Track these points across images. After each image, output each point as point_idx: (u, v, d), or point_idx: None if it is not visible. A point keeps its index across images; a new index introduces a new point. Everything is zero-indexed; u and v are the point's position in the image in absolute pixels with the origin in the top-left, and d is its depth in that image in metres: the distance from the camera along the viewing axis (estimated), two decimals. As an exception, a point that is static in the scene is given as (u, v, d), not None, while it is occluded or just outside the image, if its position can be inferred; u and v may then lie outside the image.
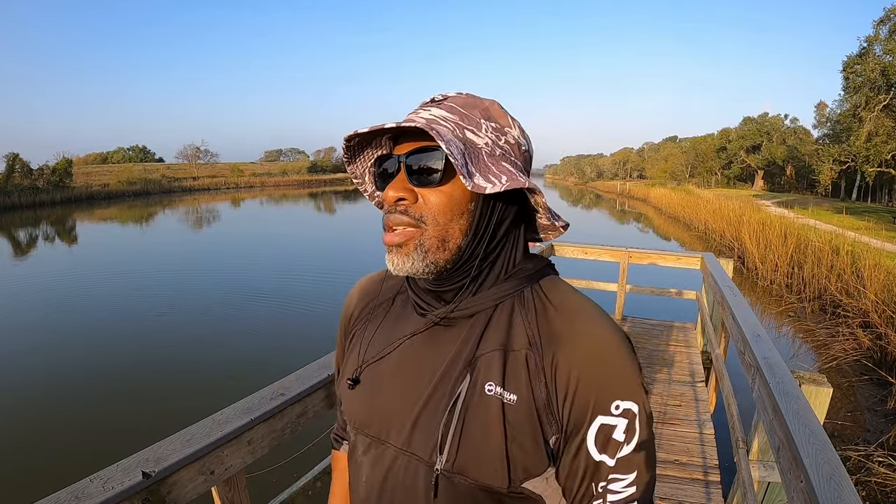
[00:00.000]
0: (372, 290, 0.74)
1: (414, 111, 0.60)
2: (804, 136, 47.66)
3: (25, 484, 3.82)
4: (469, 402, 0.56)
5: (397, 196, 0.56)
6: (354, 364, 0.68)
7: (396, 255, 0.57)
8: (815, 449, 1.12)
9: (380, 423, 0.62)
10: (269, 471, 2.80)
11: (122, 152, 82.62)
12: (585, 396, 0.53)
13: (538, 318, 0.58)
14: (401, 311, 0.68)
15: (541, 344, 0.56)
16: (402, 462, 0.59)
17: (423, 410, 0.58)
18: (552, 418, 0.54)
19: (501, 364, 0.56)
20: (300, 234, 20.34)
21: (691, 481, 2.59)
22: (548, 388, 0.54)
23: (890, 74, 19.53)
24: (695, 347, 4.60)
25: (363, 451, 0.65)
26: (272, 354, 6.34)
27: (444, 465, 0.55)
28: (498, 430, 0.54)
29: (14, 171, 34.47)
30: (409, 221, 0.56)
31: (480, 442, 0.54)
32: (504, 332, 0.58)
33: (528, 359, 0.56)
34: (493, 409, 0.55)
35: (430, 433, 0.57)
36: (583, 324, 0.56)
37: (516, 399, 0.55)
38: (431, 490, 0.56)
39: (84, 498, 0.88)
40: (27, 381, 5.77)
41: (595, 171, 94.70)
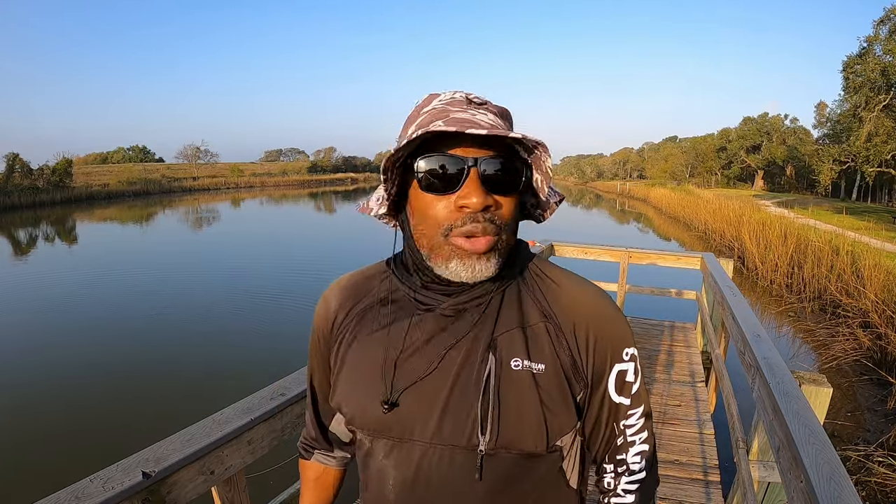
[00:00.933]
0: (352, 291, 0.70)
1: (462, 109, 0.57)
2: (804, 136, 47.65)
3: (25, 484, 3.82)
4: (500, 381, 0.59)
5: (486, 203, 0.55)
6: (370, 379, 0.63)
7: (481, 262, 0.57)
8: (815, 449, 1.12)
9: (401, 423, 0.61)
10: (269, 471, 2.80)
11: (122, 152, 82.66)
12: (603, 351, 0.63)
13: (545, 294, 0.64)
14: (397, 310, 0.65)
15: (555, 315, 0.63)
16: (434, 455, 0.60)
17: (450, 400, 0.60)
18: (579, 376, 0.62)
19: (523, 339, 0.61)
20: (300, 233, 20.35)
21: (691, 481, 2.59)
22: (571, 351, 0.62)
23: (890, 74, 19.51)
24: (695, 347, 4.60)
25: (385, 455, 0.64)
26: (272, 354, 6.34)
27: (488, 444, 0.58)
28: (533, 401, 0.59)
29: (14, 171, 34.48)
30: (495, 230, 0.56)
31: (518, 415, 0.59)
32: (516, 311, 0.63)
33: (548, 329, 0.62)
34: (524, 382, 0.59)
35: (464, 419, 0.59)
36: (584, 292, 0.65)
37: (544, 367, 0.60)
38: (476, 472, 0.59)
39: (84, 498, 0.88)
40: (27, 381, 5.77)
41: (595, 171, 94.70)
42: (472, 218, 0.55)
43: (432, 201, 0.57)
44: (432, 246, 0.58)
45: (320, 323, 0.71)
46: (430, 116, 0.58)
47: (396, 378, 0.61)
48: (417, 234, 0.60)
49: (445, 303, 0.61)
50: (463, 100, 0.59)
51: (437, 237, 0.57)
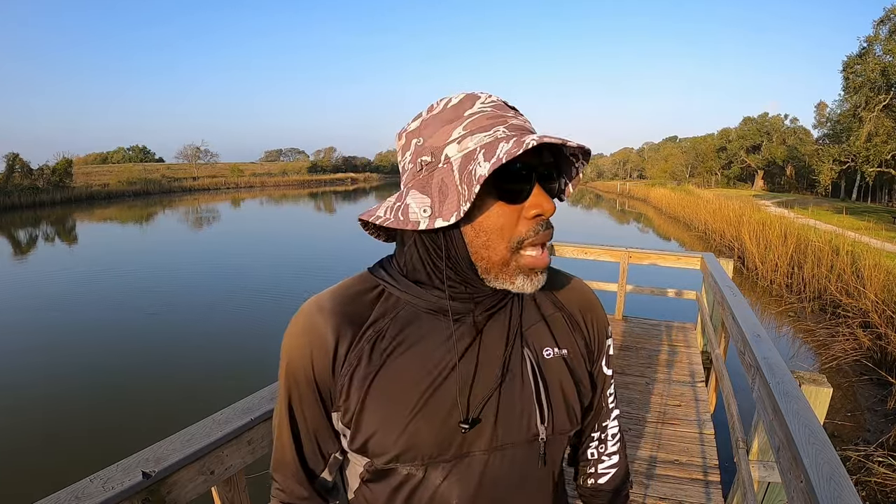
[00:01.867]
0: (349, 312, 0.60)
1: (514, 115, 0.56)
2: (804, 136, 47.68)
3: (25, 484, 3.82)
4: (541, 370, 0.63)
5: (554, 209, 0.54)
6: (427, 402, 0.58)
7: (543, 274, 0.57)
8: (815, 449, 1.12)
9: (458, 441, 0.58)
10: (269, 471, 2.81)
11: (122, 152, 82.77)
12: (600, 331, 0.71)
13: (553, 288, 0.70)
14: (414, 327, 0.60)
15: (563, 304, 0.69)
16: (496, 459, 0.61)
17: (500, 402, 0.60)
18: (591, 354, 0.70)
19: (548, 329, 0.66)
20: (300, 233, 20.35)
21: (691, 481, 2.59)
22: (584, 333, 0.69)
23: (890, 74, 19.52)
24: (695, 347, 4.60)
25: (443, 478, 0.59)
26: (272, 354, 6.31)
27: (547, 432, 0.62)
28: (569, 382, 0.65)
29: (14, 171, 34.49)
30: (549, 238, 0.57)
31: (562, 398, 0.64)
32: (533, 306, 0.67)
33: (564, 318, 0.68)
34: (559, 368, 0.65)
35: (518, 415, 0.61)
36: (575, 282, 0.73)
37: (568, 352, 0.66)
38: (539, 460, 0.62)
39: (84, 498, 0.88)
40: (27, 381, 5.77)
41: (595, 172, 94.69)
42: (544, 225, 0.55)
43: (502, 211, 0.53)
44: (499, 260, 0.55)
45: (310, 360, 0.59)
46: (486, 120, 0.54)
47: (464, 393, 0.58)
48: (478, 246, 0.55)
49: (477, 311, 0.61)
50: (503, 104, 0.57)
51: (505, 251, 0.54)
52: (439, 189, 0.54)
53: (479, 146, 0.52)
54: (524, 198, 0.53)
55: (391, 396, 0.57)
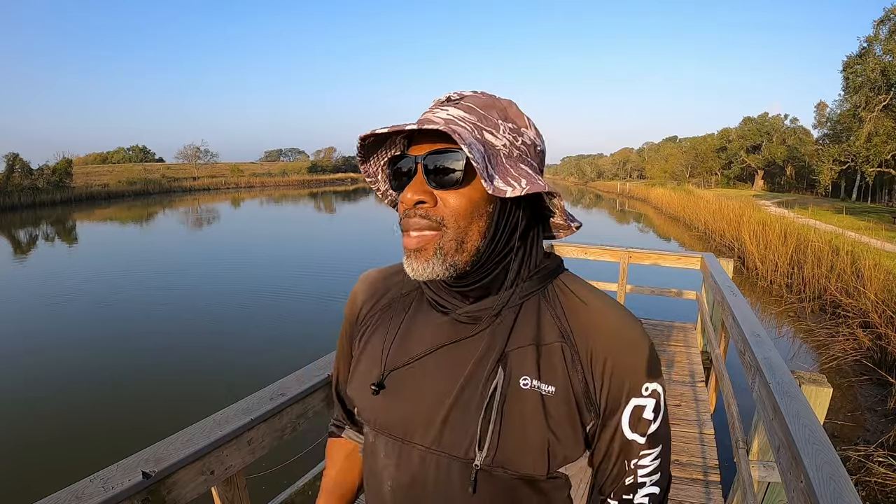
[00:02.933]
0: (379, 286, 0.72)
1: (430, 110, 0.59)
2: (804, 136, 47.62)
3: (26, 484, 3.82)
4: (506, 397, 0.57)
5: (417, 199, 0.55)
6: (373, 366, 0.65)
7: (416, 261, 0.56)
8: (815, 449, 1.12)
9: (405, 424, 0.61)
10: (269, 472, 2.80)
11: (122, 152, 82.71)
12: (620, 381, 0.58)
13: (566, 312, 0.61)
14: (416, 308, 0.66)
15: (573, 336, 0.59)
16: (432, 461, 0.59)
17: (454, 408, 0.59)
18: (591, 405, 0.58)
19: (535, 358, 0.58)
20: (300, 233, 20.33)
21: (691, 481, 2.59)
22: (585, 377, 0.58)
23: (890, 74, 19.49)
24: (695, 347, 4.60)
25: (386, 454, 0.64)
26: (272, 354, 6.34)
27: (484, 459, 0.56)
28: (538, 422, 0.57)
29: (14, 171, 34.47)
30: (429, 225, 0.56)
31: (521, 435, 0.57)
32: (533, 327, 0.60)
33: (564, 351, 0.59)
34: (531, 402, 0.57)
35: (464, 430, 0.58)
36: (610, 315, 0.60)
37: (554, 390, 0.57)
38: (469, 485, 0.57)
39: (84, 498, 0.88)
40: (27, 381, 5.77)
41: (595, 171, 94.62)
42: (405, 213, 0.57)
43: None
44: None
45: (348, 313, 0.75)
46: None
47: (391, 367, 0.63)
48: None
49: (461, 308, 0.61)
50: (443, 99, 0.60)
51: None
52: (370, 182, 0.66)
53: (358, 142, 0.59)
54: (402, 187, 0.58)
55: (367, 359, 0.67)
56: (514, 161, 0.58)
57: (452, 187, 0.56)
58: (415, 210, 0.56)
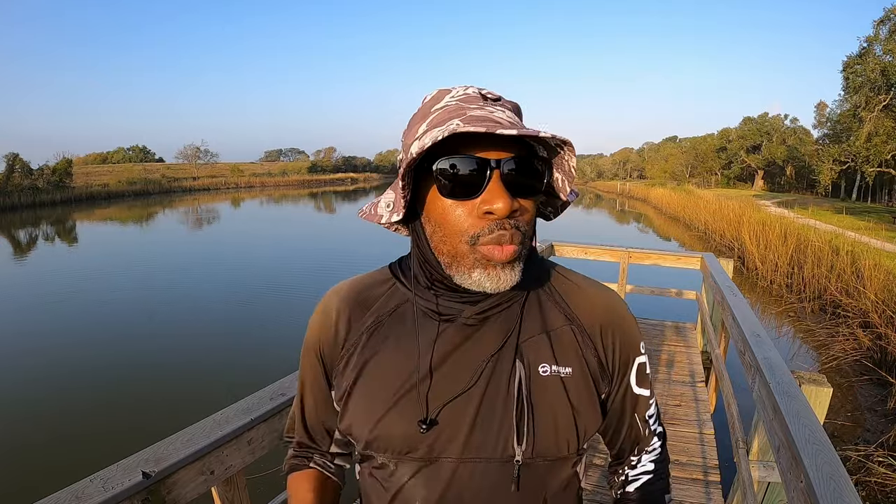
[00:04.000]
0: (360, 302, 0.64)
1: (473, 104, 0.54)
2: (804, 136, 47.63)
3: (26, 484, 3.82)
4: (531, 388, 0.58)
5: (512, 208, 0.51)
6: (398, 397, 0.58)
7: (506, 272, 0.52)
8: (815, 449, 1.12)
9: (430, 442, 0.57)
10: (269, 472, 2.80)
11: (122, 152, 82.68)
12: (625, 349, 0.64)
13: (565, 297, 0.64)
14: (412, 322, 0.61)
15: (578, 317, 0.63)
16: (465, 470, 0.57)
17: (479, 412, 0.57)
18: (605, 375, 0.63)
19: (549, 344, 0.60)
20: (300, 233, 20.34)
21: (691, 481, 2.59)
22: (597, 352, 0.62)
23: (890, 74, 19.49)
24: (695, 347, 4.60)
25: (411, 476, 0.59)
26: (272, 354, 6.34)
27: (525, 455, 0.57)
28: (564, 405, 0.58)
29: (14, 171, 34.45)
30: (521, 237, 0.52)
31: (552, 421, 0.58)
32: (539, 316, 0.62)
33: (574, 332, 0.62)
34: (554, 387, 0.59)
35: (496, 430, 0.57)
36: (602, 294, 0.65)
37: (571, 371, 0.60)
38: (512, 483, 0.57)
39: (84, 498, 0.88)
40: (27, 382, 5.76)
41: (595, 171, 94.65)
42: (500, 225, 0.51)
43: (453, 207, 0.52)
44: (455, 255, 0.53)
45: (320, 336, 0.64)
46: (446, 114, 0.53)
47: (431, 394, 0.57)
48: (436, 241, 0.55)
49: (467, 311, 0.58)
50: (477, 96, 0.55)
51: (460, 245, 0.53)
52: (397, 184, 0.56)
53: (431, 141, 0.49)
54: (475, 193, 0.51)
55: (373, 387, 0.60)
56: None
57: (534, 196, 0.54)
58: (508, 221, 0.51)
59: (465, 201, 0.52)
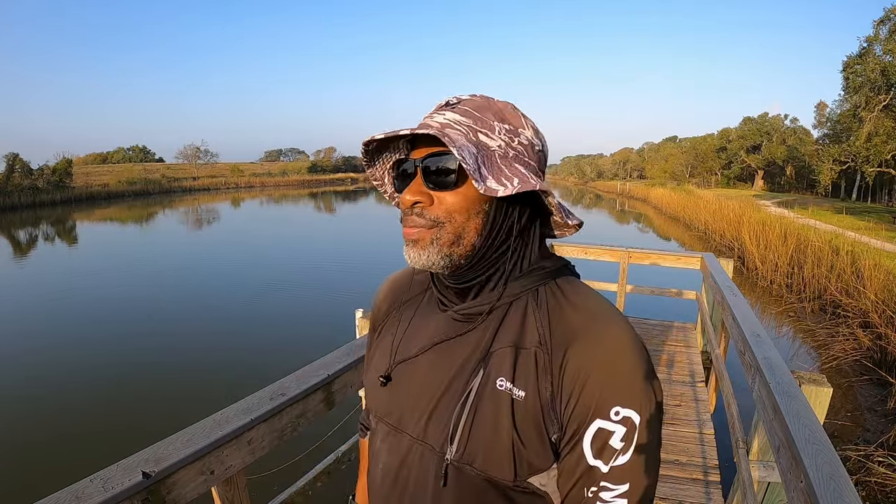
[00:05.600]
0: (400, 286, 0.77)
1: (429, 115, 0.63)
2: (804, 136, 47.59)
3: (26, 484, 3.82)
4: (481, 396, 0.58)
5: (413, 200, 0.59)
6: (385, 360, 0.70)
7: (413, 249, 0.60)
8: (815, 449, 1.12)
9: (399, 413, 0.65)
10: (269, 473, 2.80)
11: (122, 152, 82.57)
12: (588, 399, 0.53)
13: (551, 317, 0.58)
14: (427, 307, 0.71)
15: (550, 343, 0.57)
16: (417, 451, 0.63)
17: (439, 402, 0.61)
18: (554, 417, 0.55)
19: (512, 360, 0.58)
20: (300, 233, 20.33)
21: (691, 481, 2.59)
22: (552, 387, 0.55)
23: (890, 74, 19.48)
24: (695, 347, 4.60)
25: (382, 439, 0.68)
26: (272, 354, 6.34)
27: (454, 455, 0.58)
28: (506, 425, 0.56)
29: (14, 171, 34.43)
30: (425, 223, 0.59)
31: (489, 434, 0.56)
32: (517, 329, 0.60)
33: (538, 356, 0.57)
34: (502, 404, 0.56)
35: (444, 424, 0.60)
36: (598, 326, 0.56)
37: (524, 395, 0.56)
38: (441, 479, 0.59)
39: (84, 498, 0.88)
40: (28, 381, 5.77)
41: (595, 171, 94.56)
42: (404, 213, 0.61)
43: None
44: None
45: (371, 314, 0.81)
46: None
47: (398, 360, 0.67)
48: None
49: (457, 306, 0.64)
50: (442, 103, 0.63)
51: None
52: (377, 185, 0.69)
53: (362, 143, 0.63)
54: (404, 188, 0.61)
55: (379, 356, 0.73)
56: (510, 161, 0.59)
57: (448, 188, 0.59)
58: (412, 209, 0.60)
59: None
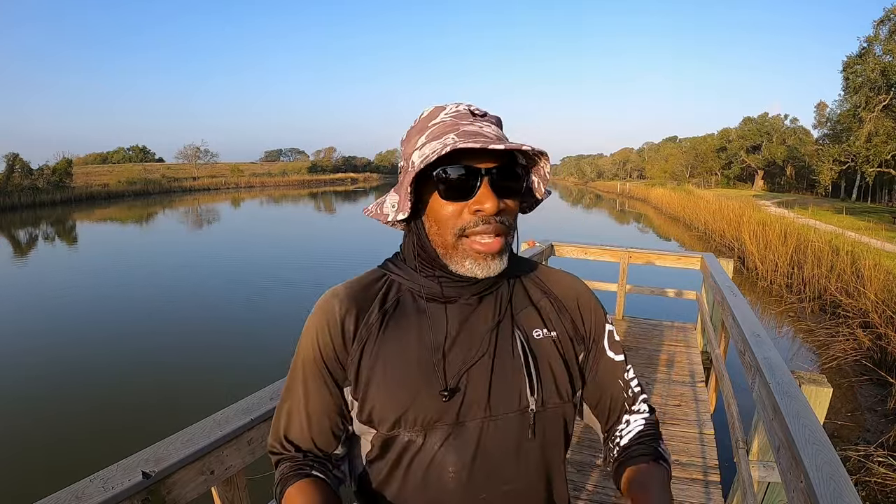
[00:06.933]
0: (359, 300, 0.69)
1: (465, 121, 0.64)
2: (804, 136, 47.57)
3: (26, 484, 3.82)
4: (530, 349, 0.69)
5: (498, 208, 0.62)
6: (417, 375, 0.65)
7: (494, 261, 0.64)
8: (815, 449, 1.12)
9: (455, 409, 0.66)
10: (269, 474, 2.80)
11: (122, 152, 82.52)
12: (594, 316, 0.77)
13: (541, 277, 0.78)
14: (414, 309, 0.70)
15: (553, 292, 0.76)
16: (490, 428, 0.66)
17: (493, 375, 0.67)
18: (580, 339, 0.75)
19: (537, 313, 0.73)
20: (300, 233, 20.33)
21: (691, 481, 2.59)
22: (573, 318, 0.75)
23: (890, 74, 19.47)
24: (695, 347, 4.60)
25: (441, 444, 0.65)
26: (272, 354, 6.33)
27: (536, 404, 0.68)
28: (558, 360, 0.71)
29: (14, 171, 34.41)
30: (505, 230, 0.65)
31: (551, 373, 0.70)
32: (523, 292, 0.75)
33: (551, 304, 0.75)
34: (548, 347, 0.71)
35: (510, 387, 0.67)
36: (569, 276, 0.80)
37: (557, 334, 0.73)
38: (529, 430, 0.67)
39: (84, 498, 0.88)
40: (28, 381, 5.77)
41: (595, 172, 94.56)
42: (485, 220, 0.62)
43: (449, 206, 0.63)
44: (447, 246, 0.65)
45: (322, 340, 0.67)
46: (442, 128, 0.64)
47: (448, 366, 0.67)
48: (433, 235, 0.66)
49: (466, 293, 0.69)
50: (467, 112, 0.66)
51: (449, 238, 0.64)
52: (402, 188, 0.65)
53: (432, 152, 0.61)
54: (469, 196, 0.62)
55: (395, 369, 0.66)
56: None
57: (516, 196, 0.66)
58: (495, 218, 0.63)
59: (459, 202, 0.63)
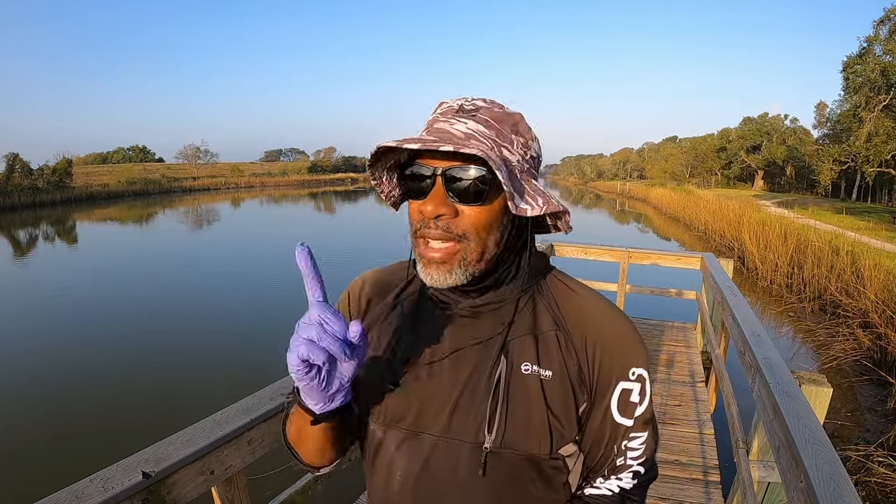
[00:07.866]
0: (383, 285, 0.73)
1: (443, 117, 0.60)
2: (804, 136, 47.57)
3: (26, 484, 3.82)
4: (509, 382, 0.61)
5: (438, 212, 0.57)
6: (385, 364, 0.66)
7: (437, 271, 0.58)
8: (815, 449, 1.12)
9: (415, 415, 0.63)
10: (269, 473, 2.80)
11: (122, 152, 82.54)
12: (609, 365, 0.62)
13: (559, 304, 0.65)
14: (419, 305, 0.69)
15: (566, 325, 0.64)
16: (443, 448, 0.62)
17: (461, 396, 0.62)
18: (583, 387, 0.63)
19: (534, 345, 0.63)
20: (300, 233, 20.32)
21: (691, 481, 2.59)
22: (579, 361, 0.63)
23: (890, 74, 19.48)
24: (695, 347, 4.60)
25: (396, 447, 0.65)
26: (272, 354, 6.33)
27: (493, 442, 0.60)
28: (539, 404, 0.61)
29: (14, 171, 34.40)
30: (450, 237, 0.57)
31: (525, 416, 0.61)
32: (530, 318, 0.64)
33: (559, 337, 0.63)
34: (532, 386, 0.61)
35: (473, 416, 0.61)
36: (600, 305, 0.65)
37: (551, 374, 0.62)
38: (480, 468, 0.60)
39: (84, 498, 0.88)
40: (28, 380, 5.77)
41: (595, 172, 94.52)
42: (425, 224, 0.58)
43: (412, 204, 0.61)
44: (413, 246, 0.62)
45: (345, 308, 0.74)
46: (426, 125, 0.61)
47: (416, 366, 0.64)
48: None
49: (462, 303, 0.64)
50: (454, 108, 0.60)
51: (412, 238, 0.61)
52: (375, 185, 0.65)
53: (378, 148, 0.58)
54: (423, 195, 0.58)
55: (379, 357, 0.67)
56: (525, 175, 0.61)
57: (476, 203, 0.57)
58: (435, 222, 0.57)
59: (416, 201, 0.60)
